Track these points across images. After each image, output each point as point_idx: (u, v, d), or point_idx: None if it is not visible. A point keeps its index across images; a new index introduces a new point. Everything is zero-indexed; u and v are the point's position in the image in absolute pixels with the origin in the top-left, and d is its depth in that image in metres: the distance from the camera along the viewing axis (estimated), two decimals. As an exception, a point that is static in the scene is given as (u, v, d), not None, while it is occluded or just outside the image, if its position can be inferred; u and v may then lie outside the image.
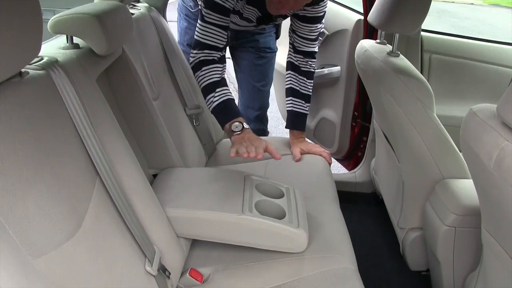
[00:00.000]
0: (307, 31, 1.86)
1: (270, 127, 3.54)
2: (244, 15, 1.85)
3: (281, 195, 1.46)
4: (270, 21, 1.93)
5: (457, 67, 2.25)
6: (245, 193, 1.40)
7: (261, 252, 1.35)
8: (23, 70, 0.93)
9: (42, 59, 1.04)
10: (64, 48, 1.21)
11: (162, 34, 1.88)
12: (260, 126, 2.34)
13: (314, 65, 1.95)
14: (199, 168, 1.76)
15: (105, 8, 1.24)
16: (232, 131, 1.59)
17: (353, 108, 2.35)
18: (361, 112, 2.33)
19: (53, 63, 1.03)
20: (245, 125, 1.60)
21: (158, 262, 1.15)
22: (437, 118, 1.50)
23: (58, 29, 1.20)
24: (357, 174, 2.42)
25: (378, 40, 1.80)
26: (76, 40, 1.24)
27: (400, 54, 1.65)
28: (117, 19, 1.27)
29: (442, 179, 1.53)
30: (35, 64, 1.01)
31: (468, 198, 1.41)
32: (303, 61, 1.92)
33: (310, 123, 2.53)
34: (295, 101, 1.95)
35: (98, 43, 1.20)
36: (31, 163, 0.85)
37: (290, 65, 1.95)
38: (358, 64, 1.78)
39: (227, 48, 2.01)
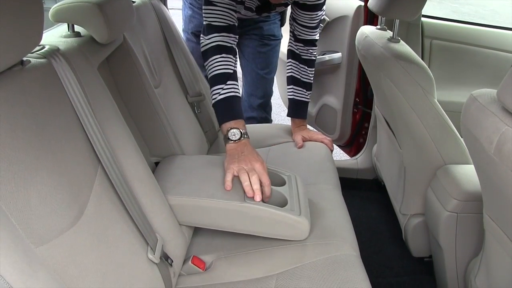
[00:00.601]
0: (307, 19, 1.85)
1: (272, 114, 3.55)
2: (246, 5, 1.84)
3: (282, 183, 1.46)
4: (270, 9, 1.91)
5: (457, 53, 2.24)
6: None
7: (263, 240, 1.36)
8: (24, 58, 0.93)
9: (43, 47, 1.04)
10: (65, 37, 1.20)
11: (163, 21, 1.87)
12: (263, 114, 2.34)
13: (315, 53, 1.94)
14: (201, 155, 1.76)
15: None
16: (228, 138, 1.49)
17: (355, 94, 2.35)
18: (362, 98, 2.33)
19: (54, 52, 1.03)
20: (244, 134, 1.50)
21: (160, 250, 1.15)
22: (438, 104, 1.50)
23: (59, 18, 1.20)
24: (359, 161, 2.42)
25: (378, 26, 1.79)
26: (77, 28, 1.24)
27: (401, 40, 1.65)
28: (118, 7, 1.27)
29: (443, 164, 1.53)
30: (37, 52, 1.01)
31: (469, 184, 1.41)
32: (303, 49, 1.91)
33: (312, 109, 2.53)
34: (296, 89, 1.94)
35: (99, 31, 1.20)
36: (33, 151, 0.86)
37: (291, 54, 1.94)
38: (359, 50, 1.77)
39: None
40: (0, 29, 0.76)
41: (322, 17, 1.91)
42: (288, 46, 1.95)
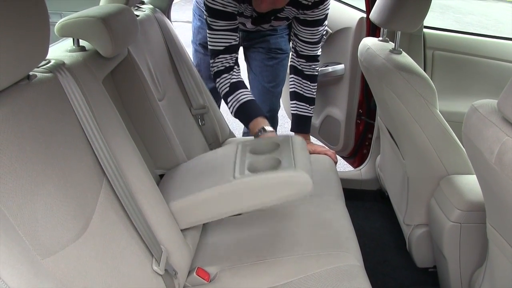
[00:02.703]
0: (308, 35, 1.86)
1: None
2: (245, 13, 1.85)
3: (276, 148, 1.41)
4: (265, 22, 1.91)
5: (460, 63, 2.25)
6: (236, 160, 1.36)
7: (267, 250, 1.37)
8: (31, 73, 0.95)
9: (49, 62, 1.06)
10: (70, 51, 1.22)
11: (167, 35, 1.89)
12: None
13: (317, 68, 1.95)
14: (198, 156, 1.72)
15: (111, 10, 1.25)
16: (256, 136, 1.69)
17: (358, 106, 2.35)
18: (366, 109, 2.33)
19: (60, 66, 1.05)
20: (267, 128, 1.67)
21: (165, 262, 1.16)
22: (440, 114, 1.51)
23: (64, 32, 1.22)
24: (362, 171, 2.42)
25: (380, 38, 1.80)
26: (82, 42, 1.26)
27: (403, 52, 1.66)
28: (122, 21, 1.29)
29: (446, 175, 1.53)
30: (43, 67, 1.03)
31: (472, 194, 1.41)
32: (306, 65, 1.92)
33: (315, 121, 2.54)
34: (300, 104, 1.96)
35: (103, 46, 1.22)
36: (40, 165, 0.87)
37: (293, 69, 1.96)
38: (361, 62, 1.78)
39: (241, 48, 2.09)
40: (8, 45, 0.77)
41: (325, 30, 1.92)
42: (291, 61, 1.97)
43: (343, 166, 2.82)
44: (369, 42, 1.78)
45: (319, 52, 1.93)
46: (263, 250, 1.37)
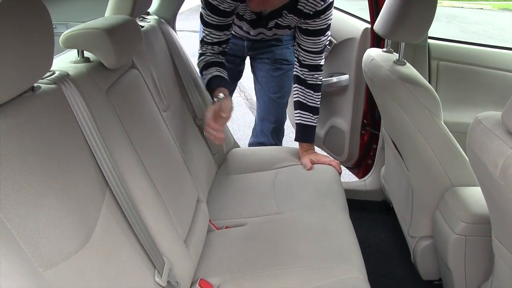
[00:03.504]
0: (310, 44, 1.87)
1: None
2: (241, 14, 1.87)
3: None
4: (262, 26, 1.92)
5: (465, 74, 2.24)
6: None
7: (270, 262, 1.36)
8: (35, 84, 0.95)
9: (53, 73, 1.06)
10: (75, 62, 1.23)
11: (172, 45, 1.90)
12: (273, 141, 2.32)
13: (320, 78, 1.96)
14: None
15: (115, 22, 1.26)
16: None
17: (362, 116, 2.35)
18: (370, 119, 2.33)
19: (64, 77, 1.05)
20: (221, 95, 1.67)
21: (167, 273, 1.15)
22: (445, 126, 1.50)
23: (69, 44, 1.22)
24: (367, 182, 2.42)
25: (385, 49, 1.80)
26: (86, 54, 1.26)
27: (407, 63, 1.66)
28: (126, 33, 1.30)
29: (451, 186, 1.52)
30: (47, 78, 1.03)
31: (478, 206, 1.40)
32: (309, 75, 1.93)
33: (320, 131, 2.54)
34: (303, 114, 1.96)
35: (108, 57, 1.22)
36: (43, 176, 0.87)
37: (297, 79, 1.96)
38: (366, 73, 1.78)
39: (247, 59, 2.18)
40: (13, 57, 0.78)
41: (328, 40, 1.92)
42: (294, 71, 1.97)
43: (348, 176, 2.82)
44: (373, 53, 1.78)
45: (322, 62, 1.94)
46: (266, 262, 1.36)
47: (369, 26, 2.19)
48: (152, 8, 2.03)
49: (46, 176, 0.88)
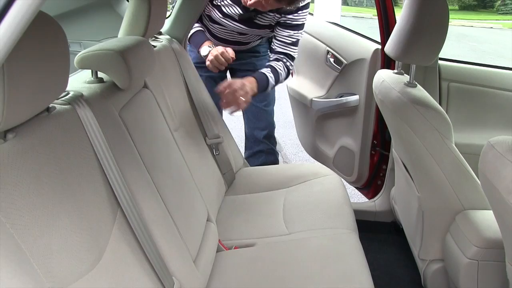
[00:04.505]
0: (285, 35, 2.02)
1: (290, 154, 3.57)
2: (225, 11, 1.97)
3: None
4: (251, 20, 2.02)
5: (476, 95, 2.24)
6: None
7: (279, 283, 1.35)
8: (50, 105, 0.97)
9: (68, 93, 1.08)
10: (89, 82, 1.25)
11: (183, 65, 1.92)
12: (269, 146, 2.39)
13: (288, 64, 2.05)
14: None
15: (129, 43, 1.28)
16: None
17: (372, 137, 2.35)
18: (380, 140, 2.33)
19: (78, 98, 1.07)
20: (210, 47, 1.95)
21: (177, 294, 1.15)
22: (456, 149, 1.50)
23: (83, 65, 1.24)
24: (377, 203, 2.40)
25: (395, 70, 1.80)
26: (100, 74, 1.28)
27: (418, 85, 1.65)
28: (140, 54, 1.31)
29: (462, 210, 1.51)
30: (62, 98, 1.04)
31: (490, 230, 1.39)
32: (279, 58, 2.04)
33: (330, 151, 2.54)
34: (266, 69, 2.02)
35: (121, 78, 1.24)
36: (56, 196, 0.88)
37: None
38: (376, 95, 1.78)
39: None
40: (30, 79, 0.79)
41: (300, 37, 2.06)
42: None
43: (357, 197, 2.80)
44: (384, 75, 1.78)
45: (293, 54, 2.05)
46: (275, 283, 1.36)
47: (379, 47, 2.19)
48: (164, 28, 2.05)
49: (59, 196, 0.89)
